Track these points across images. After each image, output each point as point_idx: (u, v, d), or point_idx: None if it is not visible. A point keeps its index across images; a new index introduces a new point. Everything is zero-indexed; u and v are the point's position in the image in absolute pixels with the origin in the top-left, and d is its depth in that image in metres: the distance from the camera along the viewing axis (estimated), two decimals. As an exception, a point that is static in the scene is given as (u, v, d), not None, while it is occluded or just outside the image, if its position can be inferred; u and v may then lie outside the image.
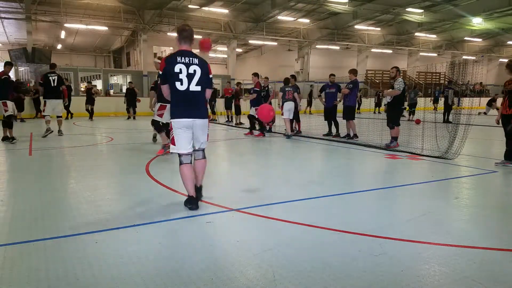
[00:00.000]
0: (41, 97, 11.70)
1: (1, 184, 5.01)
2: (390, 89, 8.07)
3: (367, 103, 23.41)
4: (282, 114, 10.40)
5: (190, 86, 3.76)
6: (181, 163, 3.88)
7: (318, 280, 2.38)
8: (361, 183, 5.38)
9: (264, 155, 8.06)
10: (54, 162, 6.75)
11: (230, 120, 16.45)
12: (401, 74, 9.04)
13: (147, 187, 4.78)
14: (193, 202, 3.86)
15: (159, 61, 5.64)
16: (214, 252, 2.81)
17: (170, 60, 3.73)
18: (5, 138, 8.91)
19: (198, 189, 4.08)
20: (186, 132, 3.82)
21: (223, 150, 8.69)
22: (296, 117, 11.18)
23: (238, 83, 16.22)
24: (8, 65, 9.02)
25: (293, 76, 11.78)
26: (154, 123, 7.32)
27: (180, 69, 3.71)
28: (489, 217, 3.73)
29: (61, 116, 10.59)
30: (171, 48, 28.76)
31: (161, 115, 7.07)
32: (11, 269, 2.55)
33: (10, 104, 8.81)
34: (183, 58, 3.75)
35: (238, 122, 15.11)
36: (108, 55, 35.03)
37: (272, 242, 2.98)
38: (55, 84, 9.80)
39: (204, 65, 3.89)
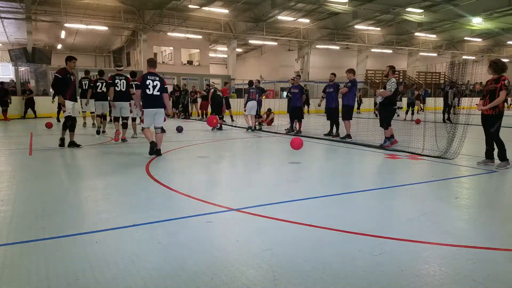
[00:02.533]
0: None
1: (1, 184, 5.01)
2: (382, 89, 8.09)
3: (367, 103, 23.43)
4: (245, 111, 12.15)
5: (154, 92, 6.90)
6: (143, 128, 7.21)
7: (318, 280, 2.38)
8: (361, 183, 5.38)
9: (264, 155, 8.06)
10: (54, 162, 6.75)
11: (232, 120, 16.54)
12: (396, 74, 9.07)
13: (147, 187, 4.78)
14: (153, 144, 6.95)
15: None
16: (214, 252, 2.81)
17: (144, 77, 6.92)
18: (71, 143, 8.04)
19: (158, 150, 6.99)
20: (150, 117, 7.04)
21: (223, 150, 8.69)
22: (298, 117, 11.21)
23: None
24: (72, 60, 7.94)
25: (298, 76, 11.90)
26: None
27: (149, 83, 6.88)
28: (489, 217, 3.73)
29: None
30: (171, 48, 28.80)
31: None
32: (11, 269, 2.55)
33: (69, 104, 7.92)
34: (150, 76, 6.92)
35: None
36: (108, 55, 35.04)
37: (272, 242, 2.98)
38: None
39: (162, 81, 7.03)
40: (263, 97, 13.49)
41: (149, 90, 6.86)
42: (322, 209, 3.95)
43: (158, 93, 6.92)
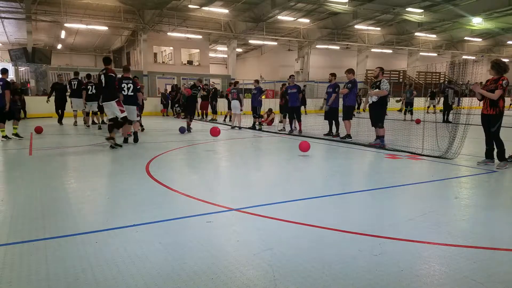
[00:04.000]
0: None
1: (1, 184, 5.01)
2: (377, 89, 8.13)
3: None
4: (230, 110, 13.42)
5: (128, 93, 8.69)
6: (127, 122, 8.75)
7: (318, 280, 2.38)
8: (361, 183, 5.38)
9: (264, 154, 8.06)
10: (54, 162, 6.75)
11: (230, 120, 16.52)
12: (386, 74, 9.22)
13: (147, 187, 4.78)
14: (135, 135, 9.03)
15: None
16: (214, 252, 2.81)
17: (120, 81, 8.53)
18: (113, 144, 8.03)
19: (135, 133, 8.99)
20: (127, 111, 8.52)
21: (223, 150, 8.69)
22: (297, 117, 11.21)
23: (284, 85, 16.14)
24: (108, 63, 8.14)
25: (293, 76, 11.94)
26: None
27: (124, 85, 8.63)
28: (489, 217, 3.73)
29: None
30: (171, 48, 28.79)
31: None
32: (11, 269, 2.55)
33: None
34: (125, 80, 8.69)
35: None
36: (108, 55, 35.03)
37: (272, 242, 2.98)
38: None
39: (134, 83, 8.82)
40: (263, 96, 13.51)
41: (124, 92, 8.62)
42: (322, 209, 3.95)
43: (132, 93, 8.77)
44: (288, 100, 11.40)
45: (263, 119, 13.75)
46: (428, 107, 20.36)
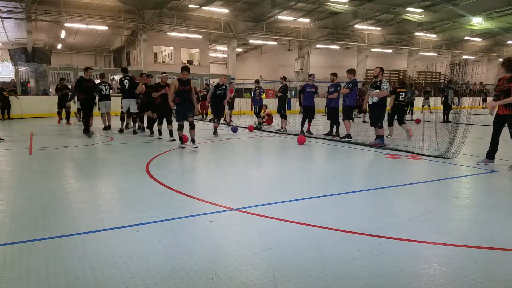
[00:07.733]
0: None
1: (1, 183, 5.01)
2: (377, 90, 8.13)
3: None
4: (228, 109, 13.73)
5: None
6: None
7: (318, 280, 2.38)
8: (361, 183, 5.38)
9: (264, 154, 8.06)
10: (54, 162, 6.75)
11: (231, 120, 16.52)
12: (386, 74, 9.30)
13: (147, 187, 4.78)
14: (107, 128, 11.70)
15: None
16: (214, 252, 2.81)
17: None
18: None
19: (107, 127, 11.70)
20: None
21: (223, 149, 8.69)
22: (311, 117, 10.97)
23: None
24: (127, 71, 11.06)
25: (311, 75, 11.43)
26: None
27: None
28: (489, 217, 3.73)
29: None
30: (171, 47, 28.79)
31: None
32: (11, 269, 2.55)
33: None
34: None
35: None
36: (108, 54, 35.00)
37: (272, 242, 2.98)
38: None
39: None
40: (263, 96, 13.53)
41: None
42: (322, 209, 3.95)
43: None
44: (304, 98, 10.87)
45: (264, 120, 13.73)
46: (423, 106, 20.39)
